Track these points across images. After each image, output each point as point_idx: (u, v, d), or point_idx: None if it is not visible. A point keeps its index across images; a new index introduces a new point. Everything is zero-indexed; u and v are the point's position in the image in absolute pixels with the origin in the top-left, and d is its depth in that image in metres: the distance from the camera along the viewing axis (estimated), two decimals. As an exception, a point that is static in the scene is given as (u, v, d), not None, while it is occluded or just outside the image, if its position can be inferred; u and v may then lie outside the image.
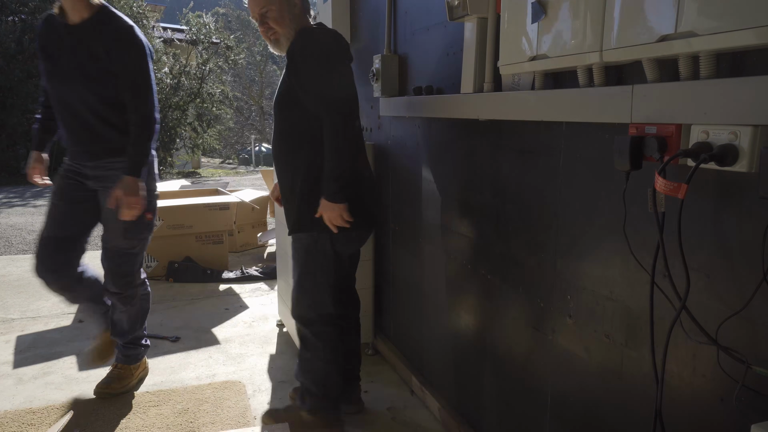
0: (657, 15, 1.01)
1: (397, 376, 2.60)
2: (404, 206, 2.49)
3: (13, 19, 12.36)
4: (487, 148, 1.79)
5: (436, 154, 2.15)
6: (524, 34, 1.38)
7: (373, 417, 2.26)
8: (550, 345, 1.54)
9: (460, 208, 1.99)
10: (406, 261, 2.51)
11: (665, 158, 1.01)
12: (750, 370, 0.93)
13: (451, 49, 1.97)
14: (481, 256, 1.87)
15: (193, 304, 3.63)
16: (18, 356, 2.81)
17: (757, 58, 0.94)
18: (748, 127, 0.89)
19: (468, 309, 1.98)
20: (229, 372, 2.66)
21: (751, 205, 0.97)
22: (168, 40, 15.01)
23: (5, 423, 2.18)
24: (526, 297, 1.63)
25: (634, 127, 1.10)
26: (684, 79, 1.03)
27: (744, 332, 1.00)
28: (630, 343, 1.26)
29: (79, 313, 3.40)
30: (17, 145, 12.74)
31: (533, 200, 1.57)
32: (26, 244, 5.59)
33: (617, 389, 1.31)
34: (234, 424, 2.20)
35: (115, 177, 2.16)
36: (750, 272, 0.98)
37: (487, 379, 1.88)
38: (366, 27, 2.82)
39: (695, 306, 1.08)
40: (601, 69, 1.22)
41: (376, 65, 2.46)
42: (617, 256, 1.28)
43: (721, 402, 1.05)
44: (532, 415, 1.65)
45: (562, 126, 1.43)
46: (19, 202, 8.58)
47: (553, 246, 1.50)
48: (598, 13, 1.15)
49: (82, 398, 2.39)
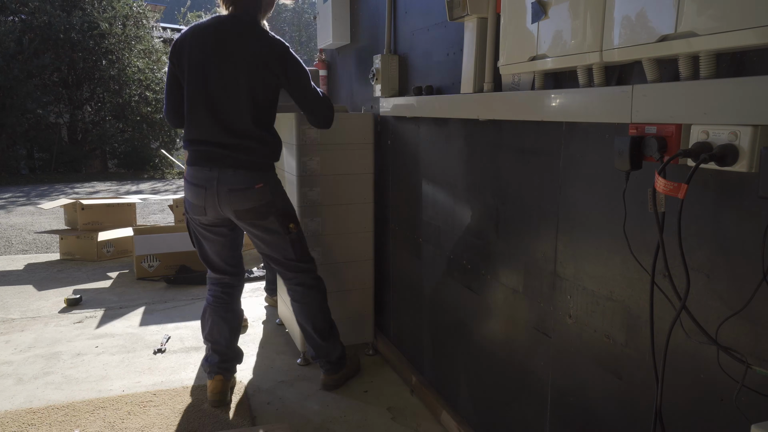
0: (657, 15, 1.01)
1: (397, 376, 2.60)
2: (404, 206, 2.49)
3: (13, 19, 12.37)
4: (487, 148, 1.79)
5: (436, 154, 2.15)
6: (524, 35, 1.38)
7: (373, 417, 2.26)
8: (550, 345, 1.54)
9: (460, 208, 1.99)
10: (406, 261, 2.51)
11: (665, 158, 1.01)
12: (750, 370, 0.93)
13: (451, 49, 1.97)
14: (481, 256, 1.87)
15: (193, 304, 3.63)
16: (18, 356, 2.81)
17: (757, 58, 0.94)
18: (748, 127, 0.89)
19: (468, 309, 1.98)
20: (229, 372, 2.66)
21: (751, 205, 0.97)
22: (168, 40, 15.01)
23: (5, 423, 2.18)
24: (527, 297, 1.63)
25: (634, 127, 1.10)
26: (684, 79, 1.03)
27: (744, 332, 1.00)
28: (630, 343, 1.26)
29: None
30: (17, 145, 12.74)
31: (533, 200, 1.57)
32: (26, 244, 5.59)
33: (617, 389, 1.31)
34: (234, 424, 2.20)
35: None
36: (750, 272, 0.98)
37: (488, 379, 1.88)
38: (366, 27, 2.82)
39: (695, 306, 1.08)
40: (601, 69, 1.23)
41: (376, 65, 2.46)
42: (617, 256, 1.28)
43: (721, 402, 1.05)
44: (532, 414, 1.65)
45: (562, 126, 1.43)
46: (21, 203, 8.58)
47: (553, 246, 1.50)
48: (598, 13, 1.15)
49: (82, 398, 2.39)
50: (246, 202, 2.14)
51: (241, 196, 2.12)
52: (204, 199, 2.14)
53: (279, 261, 2.32)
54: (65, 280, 4.18)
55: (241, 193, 2.12)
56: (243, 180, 2.12)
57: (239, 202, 2.13)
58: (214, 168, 2.11)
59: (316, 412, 2.29)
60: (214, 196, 2.12)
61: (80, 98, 13.71)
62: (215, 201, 2.13)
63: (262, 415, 2.27)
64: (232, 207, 2.14)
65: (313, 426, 2.19)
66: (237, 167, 2.11)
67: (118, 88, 13.56)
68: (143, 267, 4.17)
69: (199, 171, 2.13)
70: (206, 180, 2.12)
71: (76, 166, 13.18)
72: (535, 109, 1.43)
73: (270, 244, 2.27)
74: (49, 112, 12.82)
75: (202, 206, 2.16)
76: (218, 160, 2.11)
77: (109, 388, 2.49)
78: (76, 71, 13.38)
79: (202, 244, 2.31)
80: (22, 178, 11.87)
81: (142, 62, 13.81)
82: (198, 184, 2.14)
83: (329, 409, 2.32)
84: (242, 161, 2.12)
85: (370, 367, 2.69)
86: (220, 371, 2.35)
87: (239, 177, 2.11)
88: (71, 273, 4.38)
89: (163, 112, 2.31)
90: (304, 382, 2.55)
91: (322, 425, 2.20)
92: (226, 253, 2.32)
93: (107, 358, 2.79)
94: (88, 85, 13.74)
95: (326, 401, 2.38)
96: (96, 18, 12.85)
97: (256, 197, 2.14)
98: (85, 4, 13.02)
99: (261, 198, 2.15)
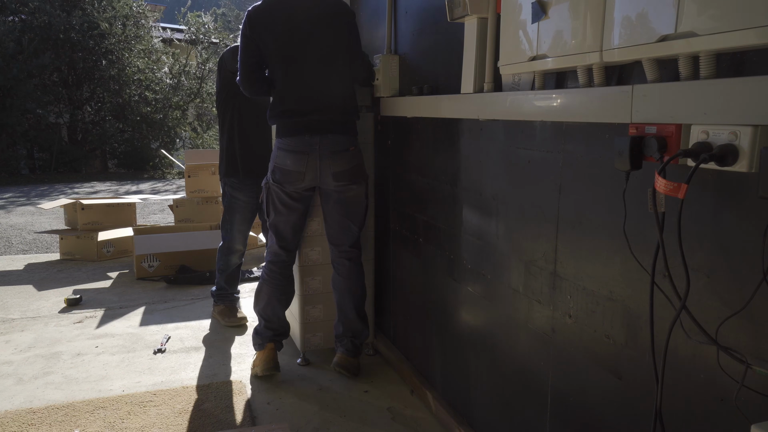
0: (657, 15, 1.01)
1: (397, 376, 2.60)
2: (404, 206, 2.49)
3: (13, 19, 12.37)
4: (487, 148, 1.79)
5: (435, 154, 2.15)
6: (524, 35, 1.38)
7: (373, 417, 2.26)
8: (550, 345, 1.54)
9: (460, 208, 1.99)
10: (406, 261, 2.51)
11: (665, 158, 1.01)
12: (750, 370, 0.93)
13: (451, 49, 1.97)
14: (481, 256, 1.87)
15: (194, 304, 3.63)
16: (18, 356, 2.81)
17: (757, 58, 0.94)
18: (748, 127, 0.89)
19: (468, 309, 1.98)
20: (229, 372, 2.66)
21: (751, 205, 0.97)
22: (167, 40, 15.02)
23: (5, 423, 2.18)
24: (527, 297, 1.63)
25: (634, 127, 1.10)
26: (684, 79, 1.03)
27: (744, 332, 1.00)
28: (630, 343, 1.26)
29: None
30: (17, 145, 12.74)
31: (533, 200, 1.57)
32: (26, 244, 5.59)
33: (617, 389, 1.31)
34: (234, 424, 2.20)
35: None
36: (750, 272, 0.98)
37: (488, 378, 1.88)
38: (366, 27, 2.82)
39: (695, 306, 1.08)
40: (601, 69, 1.23)
41: (376, 65, 2.46)
42: (617, 256, 1.28)
43: (721, 402, 1.05)
44: (532, 414, 1.65)
45: (562, 126, 1.43)
46: (21, 203, 8.58)
47: (553, 246, 1.50)
48: (598, 13, 1.15)
49: (82, 398, 2.39)
50: (345, 164, 2.35)
51: (341, 157, 2.34)
52: (306, 164, 2.30)
53: (347, 229, 2.48)
54: (65, 280, 4.19)
55: (340, 155, 2.33)
56: (342, 142, 2.34)
57: (340, 163, 2.34)
58: (315, 135, 2.28)
59: (316, 412, 2.29)
60: (317, 160, 2.30)
61: (80, 98, 13.71)
62: (317, 165, 2.30)
63: (262, 415, 2.27)
64: (333, 169, 2.33)
65: (313, 426, 2.19)
66: (335, 132, 2.32)
67: (118, 88, 13.56)
68: (143, 267, 4.17)
69: (299, 139, 2.29)
70: (309, 145, 2.29)
71: (76, 166, 13.18)
72: (535, 109, 1.43)
73: (352, 206, 2.45)
74: (49, 112, 12.82)
75: (302, 172, 2.32)
76: (319, 128, 2.29)
77: (109, 388, 2.49)
78: (76, 71, 13.39)
79: (281, 214, 2.44)
80: (22, 178, 11.87)
81: (141, 62, 13.81)
82: (300, 151, 2.30)
83: (329, 409, 2.32)
84: (338, 126, 2.33)
85: (370, 367, 2.69)
86: (272, 340, 2.57)
87: (339, 140, 2.33)
88: (71, 273, 4.38)
89: (239, 83, 2.41)
90: (304, 382, 2.55)
91: (322, 425, 2.20)
92: (300, 225, 2.51)
93: (107, 358, 2.79)
94: (88, 85, 13.74)
95: (326, 401, 2.38)
96: (96, 18, 12.85)
97: (352, 158, 2.38)
98: (85, 4, 13.01)
99: (355, 159, 2.39)
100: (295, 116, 2.30)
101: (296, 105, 2.30)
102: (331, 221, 2.48)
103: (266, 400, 2.40)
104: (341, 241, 2.50)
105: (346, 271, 2.52)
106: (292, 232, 2.49)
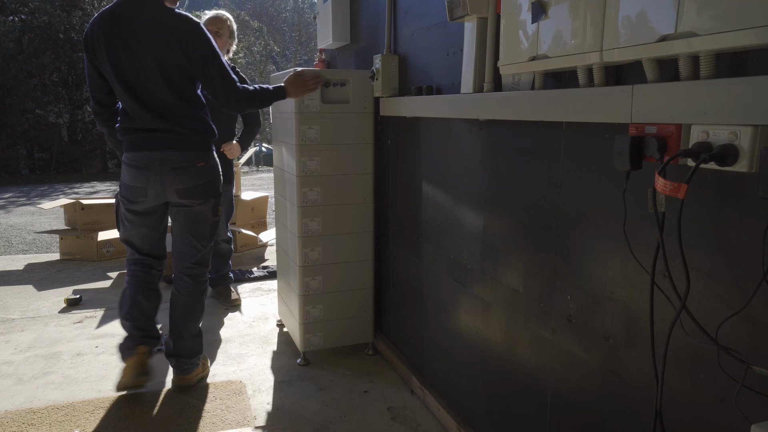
0: (657, 15, 1.01)
1: (397, 376, 2.60)
2: (404, 206, 2.49)
3: (13, 18, 12.37)
4: (487, 148, 1.79)
5: (436, 154, 2.15)
6: (524, 34, 1.38)
7: (373, 417, 2.26)
8: (550, 345, 1.54)
9: (459, 208, 1.99)
10: (406, 261, 2.51)
11: (665, 158, 1.01)
12: (750, 370, 0.93)
13: (451, 49, 1.97)
14: (481, 256, 1.87)
15: (193, 304, 3.63)
16: (18, 356, 2.81)
17: (757, 58, 0.94)
18: (748, 127, 0.89)
19: (468, 309, 1.98)
20: (229, 372, 2.66)
21: (751, 205, 0.97)
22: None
23: (5, 423, 2.18)
24: (527, 297, 1.63)
25: (634, 127, 1.10)
26: (684, 79, 1.03)
27: (744, 332, 1.00)
28: (630, 343, 1.26)
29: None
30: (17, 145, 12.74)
31: (533, 200, 1.57)
32: (26, 244, 5.59)
33: (617, 389, 1.31)
34: (234, 424, 2.20)
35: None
36: (750, 272, 0.98)
37: (487, 379, 1.88)
38: (366, 27, 2.83)
39: (695, 306, 1.08)
40: (601, 69, 1.23)
41: (376, 65, 2.46)
42: (617, 256, 1.28)
43: (721, 402, 1.05)
44: (532, 415, 1.65)
45: (562, 126, 1.43)
46: (21, 203, 8.58)
47: (553, 246, 1.50)
48: (598, 13, 1.15)
49: (82, 398, 2.39)
50: (189, 180, 2.24)
51: (185, 174, 2.23)
52: (146, 180, 2.22)
53: (190, 246, 2.37)
54: (65, 280, 4.18)
55: (184, 171, 2.23)
56: (184, 159, 2.22)
57: (183, 179, 2.23)
58: (155, 151, 2.20)
59: (316, 412, 2.29)
60: (157, 176, 2.21)
61: (80, 98, 13.72)
62: (158, 180, 2.21)
63: (262, 415, 2.27)
64: (176, 186, 2.23)
65: (313, 426, 2.19)
66: (179, 149, 2.20)
67: (118, 88, 13.54)
68: (143, 267, 4.16)
69: (139, 155, 2.22)
70: (148, 161, 2.21)
71: (76, 166, 13.19)
72: (535, 109, 1.43)
73: (196, 223, 2.34)
74: (48, 112, 12.83)
75: (143, 188, 2.24)
76: (158, 144, 2.20)
77: (109, 388, 2.49)
78: (76, 71, 13.38)
79: (129, 228, 2.37)
80: (22, 178, 11.87)
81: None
82: (139, 166, 2.22)
83: (329, 409, 2.32)
84: (182, 144, 2.21)
85: (370, 367, 2.69)
86: (144, 342, 2.39)
87: (182, 156, 2.22)
88: (71, 273, 4.38)
89: (91, 107, 2.37)
90: (304, 382, 2.55)
91: (322, 425, 2.20)
92: (154, 235, 2.40)
93: (107, 358, 2.79)
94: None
95: (326, 401, 2.38)
96: (96, 18, 12.83)
97: (198, 175, 2.26)
98: (85, 4, 13.02)
99: (203, 176, 2.27)
100: (136, 132, 2.23)
101: (137, 122, 2.21)
102: (175, 236, 2.40)
103: (266, 400, 2.40)
104: (184, 257, 2.39)
105: (185, 289, 2.41)
106: (146, 243, 2.39)
